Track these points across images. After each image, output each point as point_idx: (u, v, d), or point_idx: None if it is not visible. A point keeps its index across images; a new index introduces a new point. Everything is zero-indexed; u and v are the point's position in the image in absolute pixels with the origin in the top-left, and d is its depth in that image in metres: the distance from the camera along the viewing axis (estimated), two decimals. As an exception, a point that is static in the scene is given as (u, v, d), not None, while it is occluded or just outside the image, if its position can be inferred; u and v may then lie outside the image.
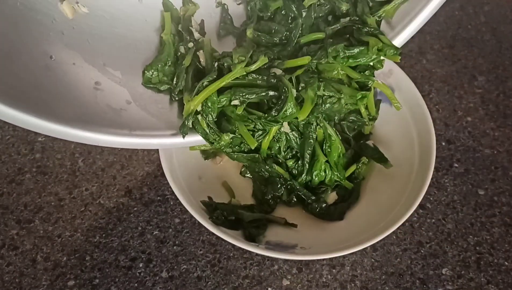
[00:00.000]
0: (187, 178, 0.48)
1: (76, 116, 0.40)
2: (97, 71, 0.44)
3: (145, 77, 0.47)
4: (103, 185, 0.54)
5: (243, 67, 0.44)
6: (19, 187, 0.54)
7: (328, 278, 0.48)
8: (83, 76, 0.43)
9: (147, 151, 0.57)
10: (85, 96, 0.42)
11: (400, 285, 0.48)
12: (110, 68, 0.45)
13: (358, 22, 0.46)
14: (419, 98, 0.51)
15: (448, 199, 0.54)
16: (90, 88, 0.43)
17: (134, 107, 0.45)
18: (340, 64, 0.45)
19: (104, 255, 0.49)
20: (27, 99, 0.37)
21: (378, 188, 0.50)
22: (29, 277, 0.48)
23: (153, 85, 0.47)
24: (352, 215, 0.49)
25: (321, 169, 0.48)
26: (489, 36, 0.71)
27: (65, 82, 0.41)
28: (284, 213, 0.49)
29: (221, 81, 0.44)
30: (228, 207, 0.48)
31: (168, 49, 0.47)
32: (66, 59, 0.42)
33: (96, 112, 0.42)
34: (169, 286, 0.47)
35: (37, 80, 0.39)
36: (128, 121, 0.43)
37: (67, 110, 0.40)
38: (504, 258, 0.50)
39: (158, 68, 0.47)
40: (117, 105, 0.44)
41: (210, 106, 0.44)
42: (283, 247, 0.45)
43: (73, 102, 0.41)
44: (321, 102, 0.45)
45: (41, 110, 0.37)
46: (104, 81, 0.44)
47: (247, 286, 0.47)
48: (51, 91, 0.40)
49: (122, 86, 0.45)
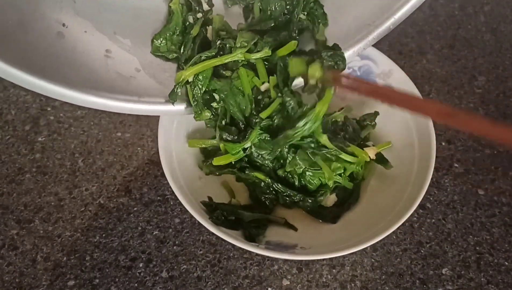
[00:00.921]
0: (187, 178, 0.48)
1: (88, 83, 0.41)
2: (107, 39, 0.46)
3: (154, 45, 0.48)
4: (103, 185, 0.54)
5: (243, 52, 0.45)
6: (19, 187, 0.54)
7: (328, 278, 0.48)
8: (94, 44, 0.45)
9: (147, 151, 0.57)
10: (96, 63, 0.44)
11: (400, 285, 0.48)
12: (120, 37, 0.47)
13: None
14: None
15: (448, 199, 0.54)
16: (101, 55, 0.45)
17: (143, 74, 0.47)
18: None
19: (104, 255, 0.49)
20: (42, 66, 0.39)
21: (378, 189, 0.50)
22: (29, 277, 0.48)
23: (161, 54, 0.49)
24: (352, 215, 0.49)
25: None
26: (489, 36, 0.71)
27: (77, 50, 0.43)
28: (284, 214, 0.49)
29: (218, 60, 0.45)
30: (228, 207, 0.47)
31: (177, 18, 0.49)
32: (78, 27, 0.44)
33: (106, 79, 0.44)
34: (169, 286, 0.47)
35: (50, 47, 0.41)
36: (137, 88, 0.45)
37: (80, 76, 0.41)
38: (504, 258, 0.50)
39: (167, 37, 0.49)
40: (127, 72, 0.46)
41: (201, 80, 0.45)
42: (283, 247, 0.45)
43: (85, 69, 0.43)
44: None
45: (55, 76, 0.39)
46: (115, 49, 0.46)
47: (247, 286, 0.47)
48: (64, 58, 0.42)
49: (132, 54, 0.47)
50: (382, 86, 0.50)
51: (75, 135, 0.58)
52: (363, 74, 0.55)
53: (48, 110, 0.60)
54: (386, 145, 0.49)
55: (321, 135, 0.45)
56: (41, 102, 0.61)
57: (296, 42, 0.46)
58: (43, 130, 0.59)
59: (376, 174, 0.51)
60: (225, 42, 0.47)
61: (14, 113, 0.60)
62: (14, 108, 0.61)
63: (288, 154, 0.47)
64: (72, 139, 0.58)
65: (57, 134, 0.58)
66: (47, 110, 0.60)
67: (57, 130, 0.59)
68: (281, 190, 0.48)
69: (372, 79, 0.55)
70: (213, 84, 0.46)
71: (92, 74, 0.43)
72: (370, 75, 0.55)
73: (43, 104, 0.61)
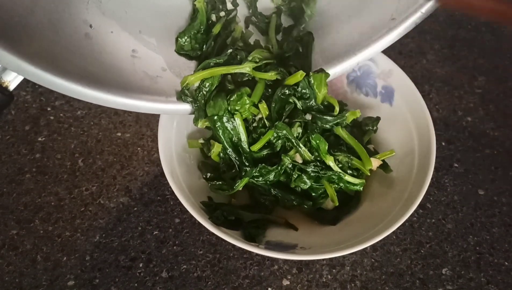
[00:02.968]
0: (187, 178, 0.48)
1: (116, 84, 0.41)
2: (133, 39, 0.46)
3: (178, 44, 0.48)
4: (103, 185, 0.54)
5: (251, 68, 0.45)
6: (19, 187, 0.54)
7: (328, 278, 0.48)
8: (121, 44, 0.45)
9: (147, 151, 0.57)
10: (123, 63, 0.44)
11: (400, 285, 0.48)
12: (146, 36, 0.47)
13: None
14: (419, 98, 0.51)
15: (448, 199, 0.54)
16: (128, 55, 0.45)
17: (169, 74, 0.47)
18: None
19: (104, 255, 0.49)
20: (72, 68, 0.39)
21: (378, 190, 0.50)
22: (29, 277, 0.48)
23: (185, 52, 0.49)
24: (352, 216, 0.49)
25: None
26: (489, 36, 0.71)
27: (104, 51, 0.43)
28: (284, 214, 0.49)
29: (225, 69, 0.45)
30: (228, 207, 0.47)
31: (201, 16, 0.49)
32: (104, 28, 0.44)
33: (134, 79, 0.44)
34: (169, 286, 0.47)
35: (79, 49, 0.41)
36: (164, 87, 0.45)
37: (108, 78, 0.41)
38: (504, 258, 0.50)
39: (191, 35, 0.48)
40: (154, 72, 0.46)
41: (206, 86, 0.45)
42: (283, 247, 0.45)
43: (113, 70, 0.43)
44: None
45: (85, 78, 0.38)
46: (141, 48, 0.46)
47: (247, 286, 0.47)
48: (92, 59, 0.42)
49: (158, 53, 0.47)
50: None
51: (75, 135, 0.58)
52: (363, 74, 0.55)
53: (48, 110, 0.60)
54: (389, 154, 0.48)
55: (327, 157, 0.45)
56: (41, 102, 0.61)
57: (304, 73, 0.45)
58: (43, 130, 0.59)
59: (376, 175, 0.51)
60: (238, 52, 0.46)
61: (14, 113, 0.60)
62: (14, 108, 0.61)
63: (293, 171, 0.46)
64: (72, 139, 0.58)
65: (57, 134, 0.58)
66: (47, 110, 0.60)
67: (57, 130, 0.59)
68: (280, 195, 0.48)
69: (372, 79, 0.55)
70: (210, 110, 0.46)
71: (120, 75, 0.43)
72: (370, 75, 0.55)
73: (43, 104, 0.61)
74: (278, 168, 0.45)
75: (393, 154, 0.48)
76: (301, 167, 0.45)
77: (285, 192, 0.47)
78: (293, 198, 0.47)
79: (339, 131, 0.46)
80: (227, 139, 0.46)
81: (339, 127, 0.46)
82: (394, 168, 0.49)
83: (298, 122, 0.45)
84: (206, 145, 0.49)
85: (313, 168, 0.45)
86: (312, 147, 0.45)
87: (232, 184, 0.46)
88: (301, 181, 0.46)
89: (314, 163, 0.45)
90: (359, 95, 0.55)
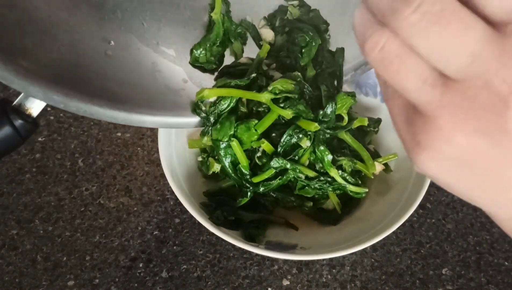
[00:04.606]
0: (187, 178, 0.48)
1: (141, 101, 0.40)
2: (152, 52, 0.45)
3: (193, 56, 0.46)
4: (103, 185, 0.54)
5: (269, 98, 0.43)
6: (19, 187, 0.54)
7: (328, 278, 0.48)
8: (141, 58, 0.44)
9: (147, 151, 0.57)
10: (145, 79, 0.43)
11: (400, 285, 0.48)
12: (164, 47, 0.46)
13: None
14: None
15: (448, 199, 0.54)
16: (148, 69, 0.44)
17: (191, 85, 0.46)
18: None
19: (104, 255, 0.49)
20: (94, 90, 0.37)
21: (379, 191, 0.50)
22: (29, 277, 0.48)
23: (200, 64, 0.47)
24: (352, 216, 0.49)
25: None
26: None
27: (125, 67, 0.42)
28: (284, 214, 0.49)
29: (241, 93, 0.43)
30: (228, 207, 0.47)
31: (217, 28, 0.47)
32: (124, 43, 0.43)
33: (158, 94, 0.43)
34: (169, 286, 0.47)
35: (100, 68, 0.40)
36: (188, 100, 0.44)
37: (132, 96, 0.40)
38: (504, 258, 0.50)
39: (207, 47, 0.47)
40: (176, 85, 0.45)
41: (222, 103, 0.43)
42: (283, 247, 0.45)
43: (136, 87, 0.42)
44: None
45: (109, 99, 0.38)
46: (161, 61, 0.45)
47: (247, 286, 0.47)
48: (116, 79, 0.40)
49: (177, 64, 0.46)
50: None
51: (75, 135, 0.58)
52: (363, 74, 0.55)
53: (48, 110, 0.60)
54: (392, 157, 0.48)
55: (331, 169, 0.44)
56: (41, 102, 0.61)
57: (318, 127, 0.43)
58: (43, 130, 0.59)
59: (377, 176, 0.51)
60: (259, 78, 0.44)
61: (14, 113, 0.60)
62: (14, 108, 0.61)
63: (297, 183, 0.46)
64: (72, 139, 0.58)
65: (57, 134, 0.58)
66: (47, 110, 0.60)
67: (57, 130, 0.59)
68: (280, 196, 0.48)
69: (372, 79, 0.55)
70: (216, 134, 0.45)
71: (144, 92, 0.42)
72: (370, 75, 0.55)
73: (43, 104, 0.61)
74: (281, 180, 0.45)
75: (396, 158, 0.48)
76: (305, 182, 0.45)
77: (286, 194, 0.47)
78: (293, 199, 0.47)
79: (343, 135, 0.46)
80: (228, 161, 0.45)
81: (343, 131, 0.46)
82: (395, 169, 0.49)
83: (306, 137, 0.44)
84: (204, 164, 0.49)
85: (317, 183, 0.45)
86: (316, 158, 0.45)
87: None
88: (305, 192, 0.46)
89: (317, 178, 0.45)
90: (359, 95, 0.55)
